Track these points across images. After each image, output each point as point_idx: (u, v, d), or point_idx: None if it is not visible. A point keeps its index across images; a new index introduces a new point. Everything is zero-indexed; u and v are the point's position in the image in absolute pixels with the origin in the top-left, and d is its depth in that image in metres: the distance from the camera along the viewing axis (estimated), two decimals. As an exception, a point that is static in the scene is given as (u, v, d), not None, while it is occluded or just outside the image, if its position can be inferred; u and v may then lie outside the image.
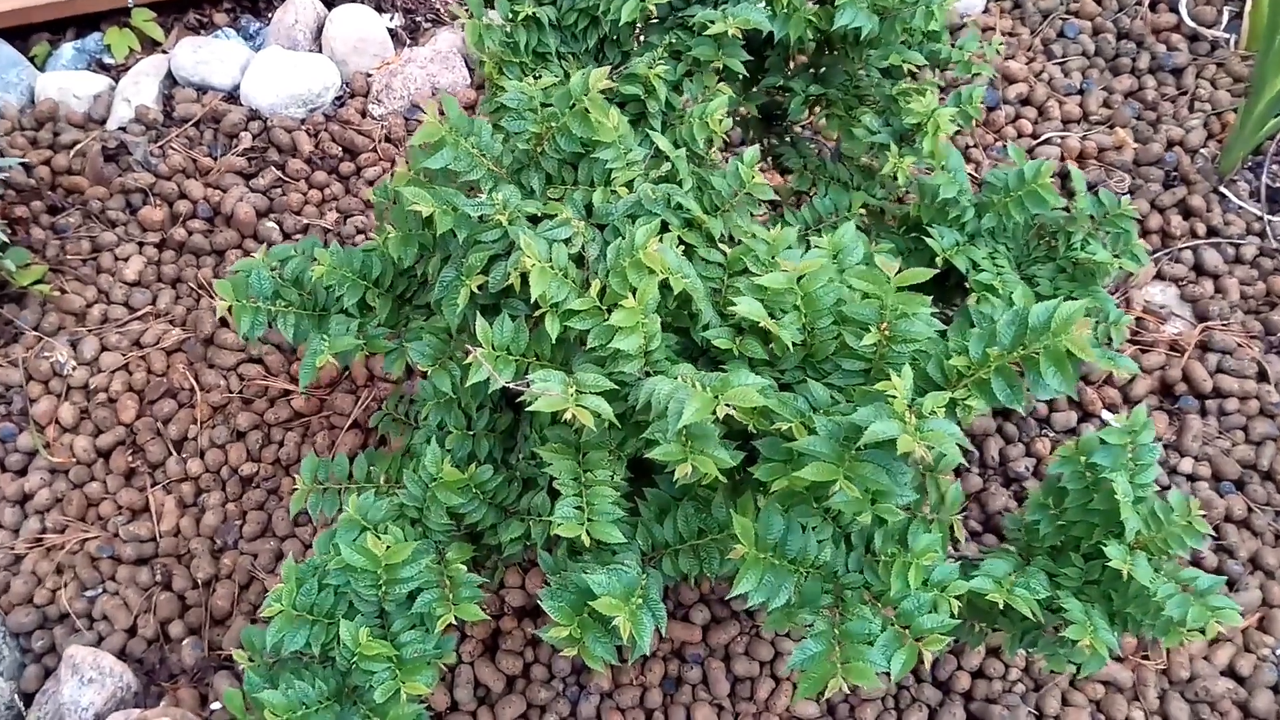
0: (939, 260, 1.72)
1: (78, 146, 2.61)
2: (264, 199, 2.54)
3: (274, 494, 2.21)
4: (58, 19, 2.92)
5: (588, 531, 1.31)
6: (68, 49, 2.89)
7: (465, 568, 1.46)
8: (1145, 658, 2.06)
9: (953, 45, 1.92)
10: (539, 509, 1.52)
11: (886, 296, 1.32)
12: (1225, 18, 2.86)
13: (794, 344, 1.34)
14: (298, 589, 1.45)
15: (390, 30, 2.89)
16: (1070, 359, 1.18)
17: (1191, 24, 2.82)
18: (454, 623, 2.10)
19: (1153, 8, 2.89)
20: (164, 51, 2.87)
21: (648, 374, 1.31)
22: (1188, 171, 2.59)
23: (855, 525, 1.41)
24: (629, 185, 1.46)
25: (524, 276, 1.34)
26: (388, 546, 1.36)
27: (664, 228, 1.43)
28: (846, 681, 1.23)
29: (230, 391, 2.32)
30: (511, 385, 1.29)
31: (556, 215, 1.38)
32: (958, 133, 2.67)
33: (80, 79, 2.74)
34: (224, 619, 2.10)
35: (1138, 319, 2.45)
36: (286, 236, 2.51)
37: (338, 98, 2.73)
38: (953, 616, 1.30)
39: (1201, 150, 2.65)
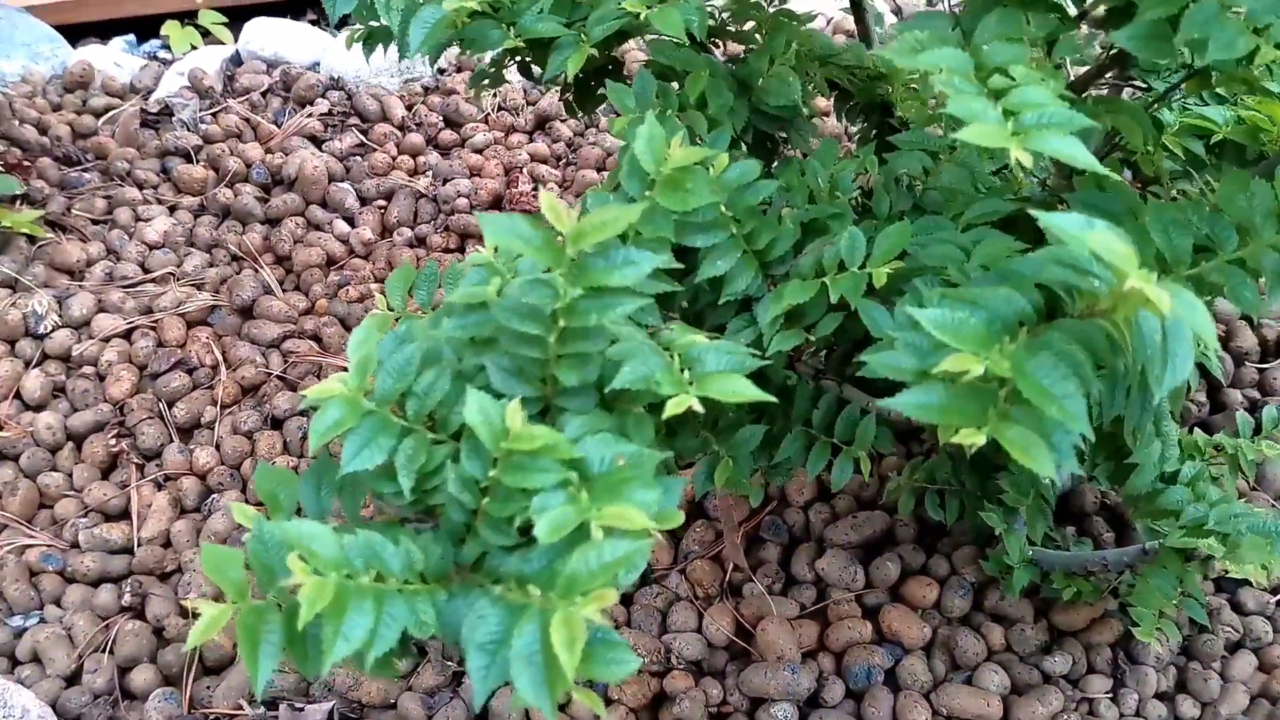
0: None
1: (111, 113, 2.07)
2: (339, 164, 1.95)
3: (318, 495, 1.47)
4: (111, 20, 2.47)
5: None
6: (118, 43, 2.42)
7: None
8: None
9: None
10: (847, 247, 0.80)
11: None
12: None
13: None
14: (380, 364, 0.72)
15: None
16: None
17: None
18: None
19: None
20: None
21: None
22: None
23: None
24: None
25: None
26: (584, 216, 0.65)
27: None
28: None
29: (269, 370, 1.63)
30: None
31: None
32: None
33: (126, 56, 2.24)
34: (221, 667, 1.32)
35: None
36: (364, 202, 1.90)
37: (442, 70, 2.18)
38: None
39: None
